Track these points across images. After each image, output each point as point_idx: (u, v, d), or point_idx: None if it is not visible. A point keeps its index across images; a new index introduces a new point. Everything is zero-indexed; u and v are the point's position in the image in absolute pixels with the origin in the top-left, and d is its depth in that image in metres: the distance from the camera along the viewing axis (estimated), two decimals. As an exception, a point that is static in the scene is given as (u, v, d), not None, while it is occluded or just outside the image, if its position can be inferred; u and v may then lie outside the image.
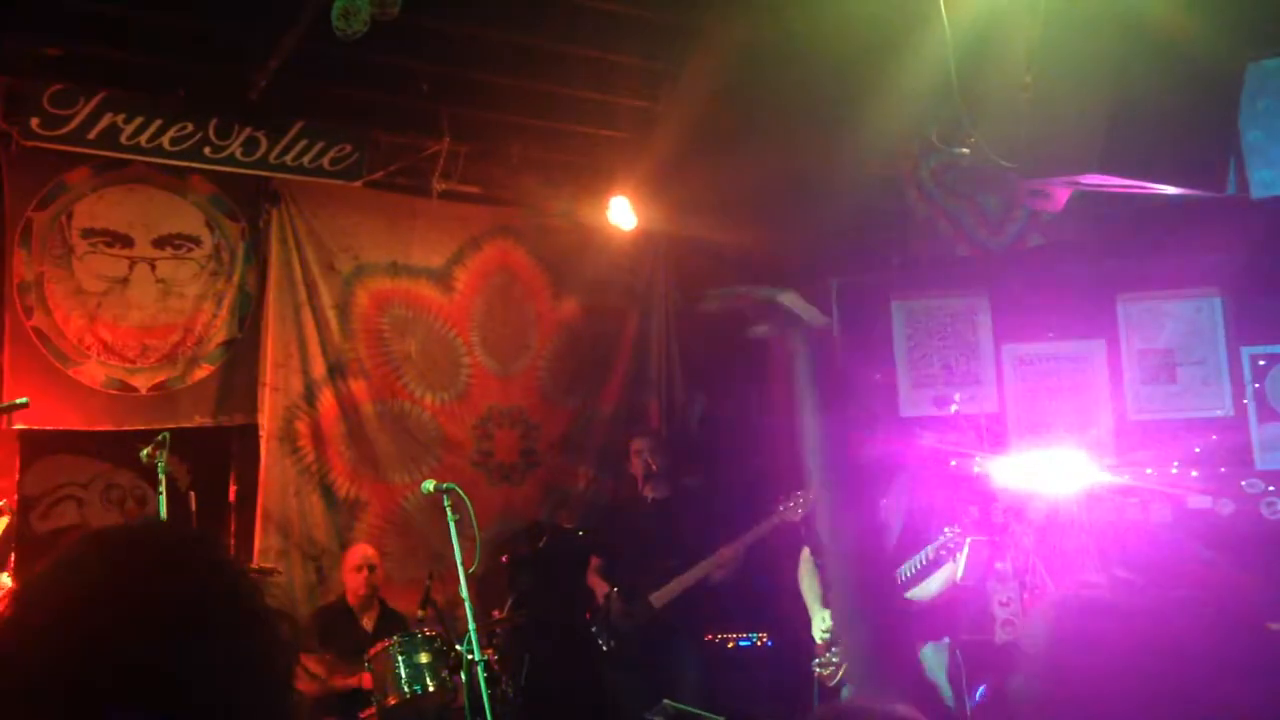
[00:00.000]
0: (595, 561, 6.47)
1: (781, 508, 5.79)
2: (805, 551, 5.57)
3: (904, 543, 5.07)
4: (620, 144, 6.93)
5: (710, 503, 6.67)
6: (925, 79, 4.59)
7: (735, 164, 6.47)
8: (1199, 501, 6.19)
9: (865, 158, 6.13)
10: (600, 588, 6.33)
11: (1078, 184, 4.29)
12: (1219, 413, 6.42)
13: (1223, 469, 6.24)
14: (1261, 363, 6.34)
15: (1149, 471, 6.23)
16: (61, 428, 6.11)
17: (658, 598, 6.07)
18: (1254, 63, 4.79)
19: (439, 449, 7.13)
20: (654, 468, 6.38)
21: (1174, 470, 6.25)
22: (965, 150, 4.45)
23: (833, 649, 5.16)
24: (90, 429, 6.18)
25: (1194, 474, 6.25)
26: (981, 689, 4.97)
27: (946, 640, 5.05)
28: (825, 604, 5.30)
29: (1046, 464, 5.93)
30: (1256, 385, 6.33)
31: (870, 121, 5.66)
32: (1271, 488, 6.14)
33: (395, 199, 7.06)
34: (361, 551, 6.28)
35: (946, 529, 4.85)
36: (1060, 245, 6.40)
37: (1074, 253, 6.36)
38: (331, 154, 6.53)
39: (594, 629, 6.22)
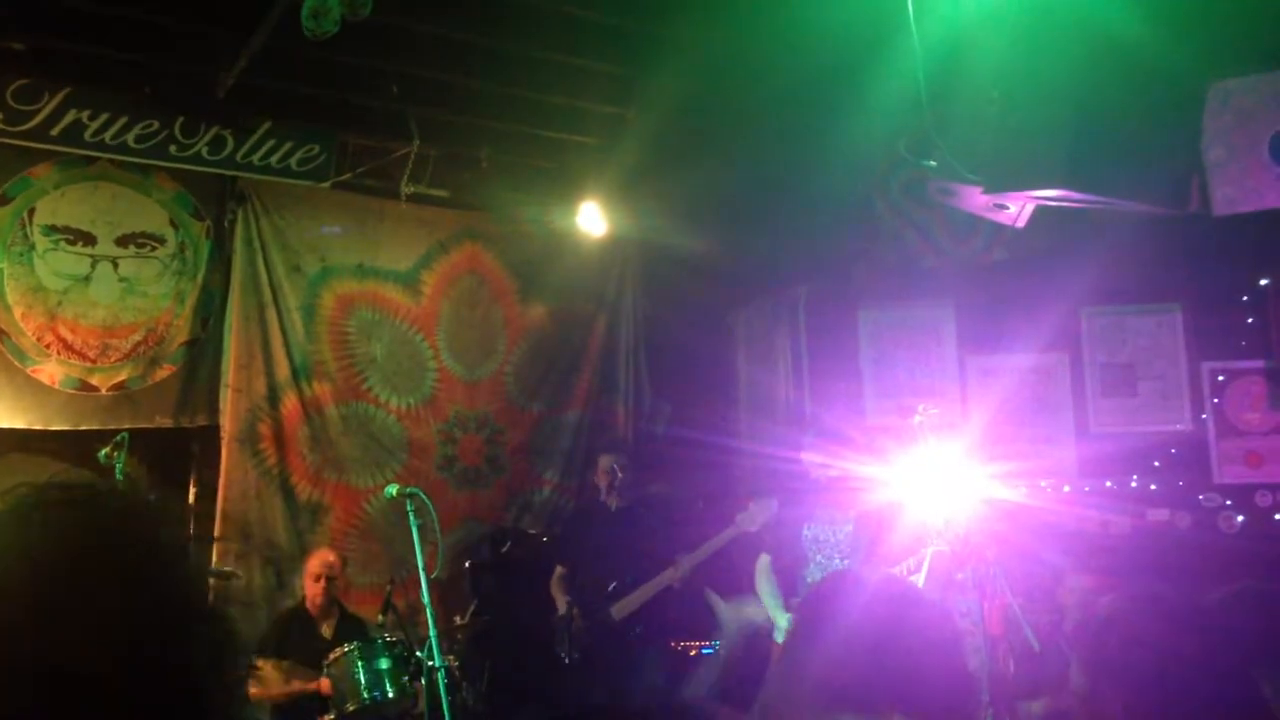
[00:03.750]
0: (559, 570, 6.43)
1: (740, 517, 5.78)
2: (764, 559, 5.57)
3: (874, 556, 5.07)
4: (590, 150, 6.92)
5: (671, 512, 6.66)
6: (894, 92, 4.61)
7: (705, 172, 6.48)
8: (1157, 514, 6.26)
9: (834, 169, 6.16)
10: (561, 600, 6.30)
11: (1043, 199, 4.32)
12: (1178, 427, 6.50)
13: (1181, 483, 6.32)
14: (1220, 378, 6.43)
15: (1109, 484, 6.30)
16: (18, 426, 6.02)
17: (618, 609, 6.06)
18: (1217, 81, 4.85)
19: (403, 453, 7.09)
20: (619, 482, 6.36)
21: (1133, 483, 6.32)
22: (933, 163, 4.47)
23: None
24: (48, 428, 6.10)
25: (1153, 487, 6.32)
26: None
27: None
28: (787, 608, 5.30)
29: (1009, 475, 5.98)
30: (1215, 400, 6.41)
31: (839, 133, 5.69)
32: (1229, 502, 6.23)
33: (363, 201, 7.02)
34: (321, 559, 6.13)
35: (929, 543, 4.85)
36: (1024, 259, 6.46)
37: (1038, 266, 6.42)
38: (299, 154, 6.48)
39: (556, 641, 6.20)
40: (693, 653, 6.37)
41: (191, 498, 6.58)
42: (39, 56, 5.71)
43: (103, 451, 5.17)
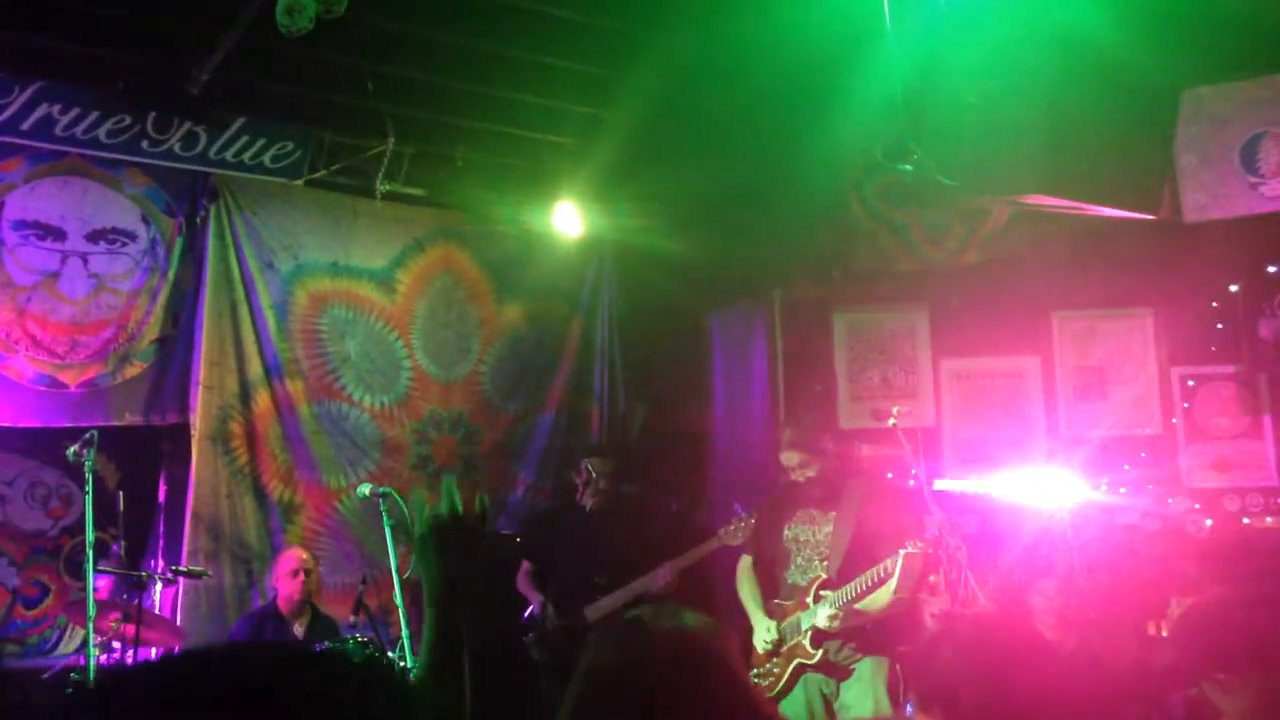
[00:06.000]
0: (526, 566, 6.40)
1: (723, 531, 5.77)
2: (745, 560, 5.56)
3: (854, 557, 5.06)
4: (566, 150, 6.91)
5: (646, 516, 6.64)
6: (871, 95, 4.63)
7: (681, 173, 6.49)
8: (1126, 517, 6.31)
9: (810, 171, 6.18)
10: (532, 596, 6.27)
11: (1017, 203, 4.36)
12: (1148, 431, 6.56)
13: (1150, 486, 6.38)
14: (1190, 383, 6.49)
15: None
16: (-15, 423, 5.96)
17: (592, 610, 6.04)
18: (1190, 89, 4.91)
19: (376, 452, 7.04)
20: (596, 486, 6.34)
21: (1103, 487, 6.37)
22: (909, 166, 4.49)
23: (774, 658, 5.17)
24: (16, 425, 6.03)
25: (1122, 490, 6.37)
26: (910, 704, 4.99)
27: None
28: (769, 613, 5.29)
29: (982, 479, 6.02)
30: (1185, 404, 6.47)
31: (816, 135, 5.71)
32: (1197, 506, 6.28)
33: (337, 198, 6.98)
34: (296, 555, 6.13)
35: (909, 543, 4.85)
36: (998, 262, 6.50)
37: (1011, 270, 6.47)
38: (273, 151, 6.43)
39: (528, 638, 6.17)
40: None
41: (161, 496, 6.52)
42: (9, 50, 5.65)
43: (71, 449, 5.11)
